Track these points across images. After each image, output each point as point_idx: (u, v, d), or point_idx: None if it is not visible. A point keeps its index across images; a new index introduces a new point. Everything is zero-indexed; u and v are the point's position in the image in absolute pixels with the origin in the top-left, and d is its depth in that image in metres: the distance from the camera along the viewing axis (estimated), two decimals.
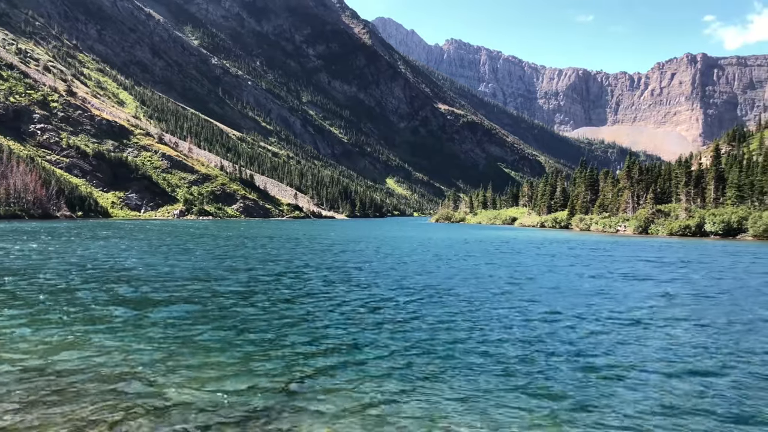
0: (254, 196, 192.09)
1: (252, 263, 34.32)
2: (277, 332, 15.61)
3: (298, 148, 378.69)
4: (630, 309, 20.15)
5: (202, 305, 19.31)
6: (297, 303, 20.29)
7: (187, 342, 14.33)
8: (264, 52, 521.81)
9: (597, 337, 15.79)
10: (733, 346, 14.96)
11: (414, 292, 23.29)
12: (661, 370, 12.74)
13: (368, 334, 15.57)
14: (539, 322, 17.56)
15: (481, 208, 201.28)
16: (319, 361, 12.95)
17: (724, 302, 21.93)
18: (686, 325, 17.57)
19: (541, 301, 21.61)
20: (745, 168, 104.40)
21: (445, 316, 18.39)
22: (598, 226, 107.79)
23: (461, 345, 14.57)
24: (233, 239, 61.69)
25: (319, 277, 28.24)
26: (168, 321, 16.71)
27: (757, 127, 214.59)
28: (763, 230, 76.93)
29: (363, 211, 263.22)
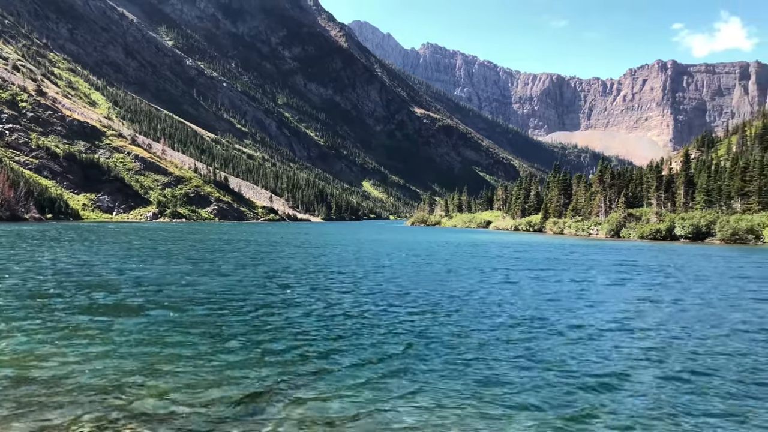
0: (229, 198, 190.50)
1: (227, 268, 34.06)
2: (250, 339, 15.53)
3: (274, 151, 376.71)
4: (617, 316, 20.45)
5: (174, 312, 19.11)
6: (273, 309, 20.21)
7: (158, 349, 14.18)
8: (239, 54, 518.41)
9: (574, 343, 16.02)
10: (721, 349, 15.30)
11: (394, 300, 23.33)
12: (648, 375, 12.98)
13: (343, 342, 15.55)
14: (529, 334, 17.72)
15: (457, 211, 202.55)
16: (291, 369, 12.92)
17: (704, 307, 22.40)
18: (671, 331, 17.91)
19: (530, 310, 21.82)
20: (713, 173, 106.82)
21: (420, 322, 18.47)
22: (571, 230, 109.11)
23: (435, 353, 14.66)
24: (208, 243, 61.11)
25: (295, 282, 28.16)
26: (139, 329, 16.48)
27: (724, 133, 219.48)
28: (730, 234, 78.70)
29: (339, 214, 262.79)
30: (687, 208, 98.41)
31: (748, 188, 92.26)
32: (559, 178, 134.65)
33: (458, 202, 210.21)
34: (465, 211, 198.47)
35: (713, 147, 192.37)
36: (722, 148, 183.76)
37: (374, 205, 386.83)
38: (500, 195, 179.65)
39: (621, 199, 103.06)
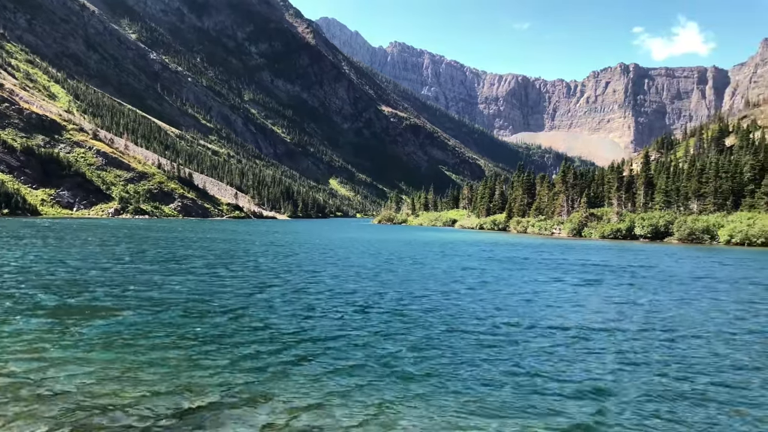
0: (193, 195, 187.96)
1: (195, 266, 33.79)
2: (221, 342, 15.52)
3: (240, 147, 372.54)
4: (596, 317, 20.97)
5: (141, 314, 18.98)
6: (243, 311, 20.19)
7: (125, 354, 14.10)
8: (205, 49, 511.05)
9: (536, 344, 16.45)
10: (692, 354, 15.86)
11: (367, 301, 23.51)
12: (632, 379, 13.42)
13: (316, 345, 15.63)
14: (504, 339, 18.00)
15: (423, 209, 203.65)
16: (253, 372, 12.99)
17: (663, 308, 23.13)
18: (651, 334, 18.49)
19: (504, 312, 22.19)
20: (672, 174, 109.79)
21: (394, 324, 18.70)
22: (534, 229, 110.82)
23: (408, 356, 14.89)
24: (173, 241, 60.33)
25: (266, 283, 28.13)
26: (104, 333, 16.28)
27: (683, 135, 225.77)
28: (687, 234, 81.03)
29: (305, 212, 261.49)
30: (646, 209, 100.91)
31: (705, 189, 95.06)
32: (523, 177, 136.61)
33: (425, 201, 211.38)
34: (431, 209, 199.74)
35: (672, 149, 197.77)
36: (680, 150, 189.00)
37: (341, 203, 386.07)
38: (466, 194, 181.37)
39: (583, 199, 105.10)
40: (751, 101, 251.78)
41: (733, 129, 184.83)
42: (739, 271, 38.65)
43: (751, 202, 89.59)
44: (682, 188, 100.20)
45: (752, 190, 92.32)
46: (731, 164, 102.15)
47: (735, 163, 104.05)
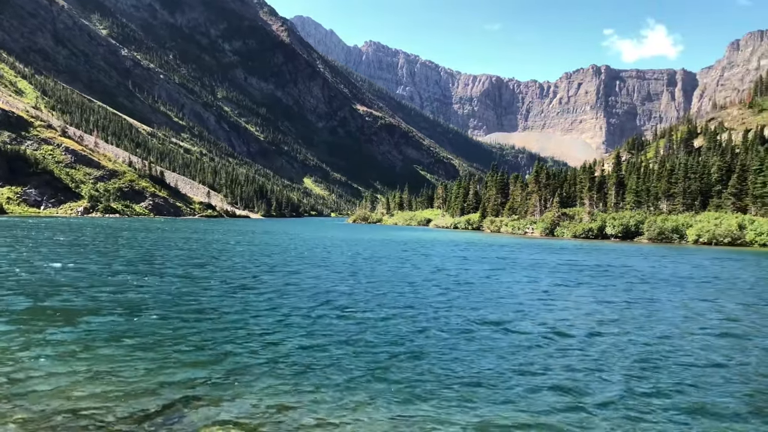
0: (165, 193, 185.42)
1: (165, 267, 33.26)
2: (188, 342, 15.31)
3: (212, 145, 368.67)
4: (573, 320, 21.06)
5: (114, 317, 18.62)
6: (217, 313, 19.93)
7: (94, 354, 13.82)
8: (177, 46, 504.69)
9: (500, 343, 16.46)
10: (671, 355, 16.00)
11: (345, 302, 23.36)
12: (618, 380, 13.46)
13: (289, 347, 15.48)
14: (485, 341, 17.98)
15: (398, 209, 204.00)
16: (226, 372, 12.83)
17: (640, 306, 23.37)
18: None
19: (483, 313, 22.20)
20: (642, 175, 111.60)
21: (374, 325, 18.59)
22: (507, 228, 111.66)
23: (382, 358, 14.80)
24: (144, 241, 59.39)
25: (242, 285, 27.81)
26: (75, 337, 15.99)
27: (653, 136, 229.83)
28: (657, 234, 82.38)
29: (279, 211, 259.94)
30: (617, 208, 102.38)
31: (674, 190, 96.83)
32: (497, 177, 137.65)
33: (399, 200, 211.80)
34: (406, 209, 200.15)
35: (642, 150, 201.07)
36: (651, 151, 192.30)
37: (315, 202, 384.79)
38: (440, 193, 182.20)
39: (555, 199, 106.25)
40: (718, 104, 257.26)
41: (701, 131, 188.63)
42: (725, 271, 39.35)
43: (718, 202, 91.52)
44: (652, 188, 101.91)
45: (719, 190, 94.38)
46: (699, 165, 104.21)
47: (703, 164, 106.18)
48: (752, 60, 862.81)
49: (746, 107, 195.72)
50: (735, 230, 76.27)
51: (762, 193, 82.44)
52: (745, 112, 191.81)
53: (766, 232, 73.92)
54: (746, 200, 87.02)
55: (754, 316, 20.79)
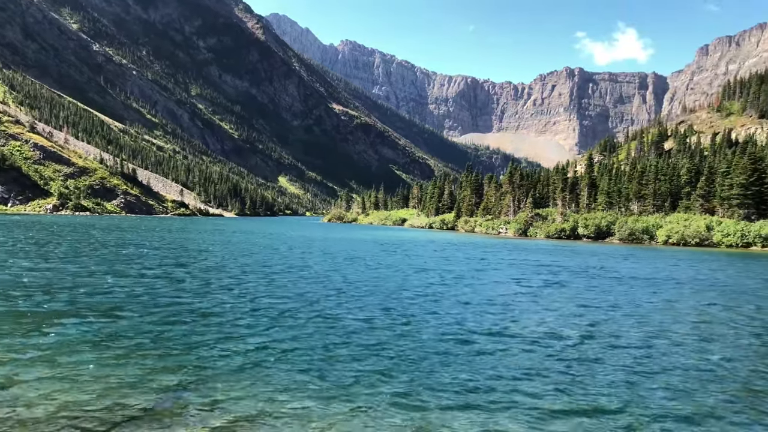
0: (137, 191, 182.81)
1: (137, 267, 32.80)
2: (161, 344, 15.14)
3: (186, 143, 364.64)
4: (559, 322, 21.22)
5: (81, 318, 18.30)
6: (189, 313, 19.72)
7: (70, 357, 13.58)
8: (151, 42, 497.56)
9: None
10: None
11: (323, 302, 23.28)
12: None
13: (267, 351, 15.39)
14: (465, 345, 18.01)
15: (373, 208, 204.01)
16: (194, 376, 12.71)
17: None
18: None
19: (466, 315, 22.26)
20: (614, 176, 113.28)
21: (360, 328, 18.56)
22: (481, 228, 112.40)
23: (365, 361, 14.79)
24: (116, 240, 58.44)
25: (218, 286, 27.53)
26: (50, 342, 15.70)
27: (624, 138, 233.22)
28: (627, 234, 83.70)
29: (253, 210, 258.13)
30: (590, 209, 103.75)
31: (645, 191, 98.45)
32: (472, 178, 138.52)
33: (375, 200, 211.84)
34: (381, 208, 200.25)
35: (614, 152, 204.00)
36: (622, 152, 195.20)
37: (290, 201, 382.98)
38: (416, 193, 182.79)
39: (529, 200, 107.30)
40: (688, 107, 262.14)
41: (671, 133, 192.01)
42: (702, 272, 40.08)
43: (687, 203, 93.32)
44: (624, 190, 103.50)
45: (688, 192, 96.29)
46: (669, 167, 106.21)
47: (673, 167, 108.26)
48: (720, 65, 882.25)
49: (714, 111, 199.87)
50: (703, 231, 77.86)
51: (729, 195, 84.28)
52: (713, 115, 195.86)
53: (733, 233, 75.59)
54: (714, 202, 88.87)
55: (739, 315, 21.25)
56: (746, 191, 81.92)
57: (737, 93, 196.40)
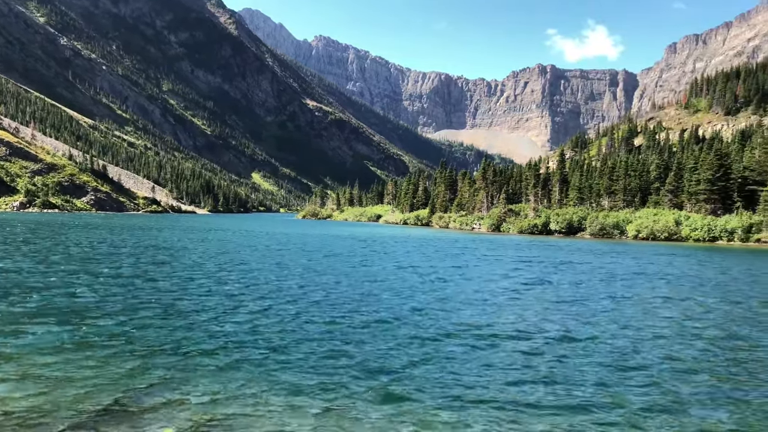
0: (107, 188, 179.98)
1: (108, 264, 32.38)
2: (129, 346, 15.03)
3: (157, 139, 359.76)
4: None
5: (44, 320, 18.05)
6: (157, 314, 19.57)
7: (33, 360, 13.42)
8: (121, 36, 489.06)
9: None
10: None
11: (300, 300, 23.26)
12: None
13: (238, 353, 15.35)
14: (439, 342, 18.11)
15: (348, 205, 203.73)
16: (153, 375, 12.67)
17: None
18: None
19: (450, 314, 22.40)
20: (585, 172, 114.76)
21: (340, 326, 18.59)
22: (456, 224, 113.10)
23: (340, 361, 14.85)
24: (82, 239, 57.53)
25: (195, 285, 27.32)
26: (17, 348, 15.47)
27: (595, 135, 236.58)
28: (598, 230, 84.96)
29: (226, 207, 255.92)
30: (561, 205, 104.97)
31: (615, 187, 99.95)
32: (446, 174, 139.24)
33: (350, 196, 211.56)
34: (356, 204, 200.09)
35: (586, 148, 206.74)
36: (593, 149, 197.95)
37: (264, 197, 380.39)
38: (390, 189, 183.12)
39: (502, 196, 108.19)
40: (657, 104, 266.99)
41: (641, 130, 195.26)
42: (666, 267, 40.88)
43: (656, 199, 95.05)
44: (595, 185, 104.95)
45: (657, 187, 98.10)
46: (639, 163, 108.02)
47: (642, 162, 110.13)
48: (688, 63, 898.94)
49: (682, 108, 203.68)
50: (672, 226, 79.38)
51: (696, 191, 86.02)
52: (681, 112, 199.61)
53: (700, 227, 77.23)
54: (682, 197, 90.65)
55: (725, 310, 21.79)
56: (713, 186, 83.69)
57: (704, 90, 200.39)
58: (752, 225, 74.02)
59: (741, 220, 74.98)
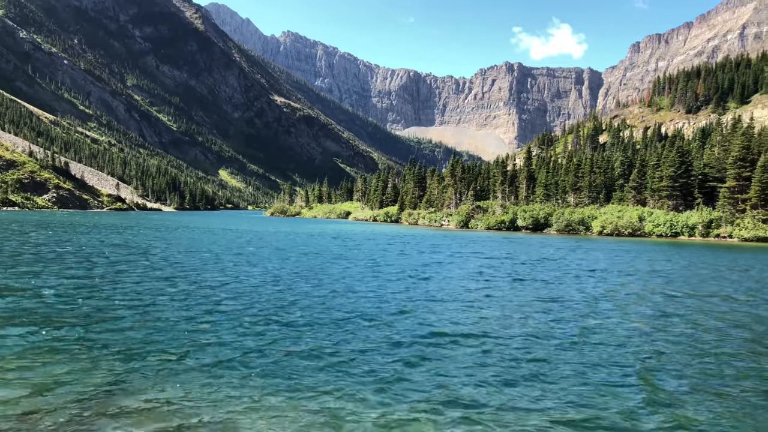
0: (70, 185, 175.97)
1: (75, 266, 31.68)
2: (98, 347, 14.78)
3: (122, 135, 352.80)
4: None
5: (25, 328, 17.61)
6: (127, 314, 19.26)
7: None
8: (83, 30, 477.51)
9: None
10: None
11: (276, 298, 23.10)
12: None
13: (207, 354, 15.21)
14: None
15: (317, 202, 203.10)
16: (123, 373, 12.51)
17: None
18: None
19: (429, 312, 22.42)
20: (551, 169, 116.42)
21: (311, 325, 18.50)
22: (424, 221, 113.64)
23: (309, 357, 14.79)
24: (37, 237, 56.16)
25: (167, 284, 26.91)
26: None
27: (562, 132, 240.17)
28: (564, 226, 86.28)
29: (193, 204, 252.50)
30: (528, 201, 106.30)
31: (581, 183, 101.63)
32: (415, 171, 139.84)
33: (319, 193, 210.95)
34: (325, 201, 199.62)
35: (552, 145, 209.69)
36: (559, 146, 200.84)
37: (231, 194, 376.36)
38: (360, 186, 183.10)
39: (470, 192, 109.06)
40: (621, 102, 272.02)
41: (605, 127, 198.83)
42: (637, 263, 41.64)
43: (620, 195, 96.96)
44: (561, 182, 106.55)
45: (621, 184, 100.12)
46: (604, 160, 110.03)
47: (607, 160, 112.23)
48: (651, 62, 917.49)
49: (645, 106, 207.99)
50: (635, 222, 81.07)
51: (659, 187, 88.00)
52: (644, 110, 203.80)
53: (663, 223, 79.04)
54: (645, 193, 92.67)
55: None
56: (674, 183, 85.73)
57: (666, 89, 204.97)
58: (712, 221, 76.07)
59: (701, 216, 76.98)
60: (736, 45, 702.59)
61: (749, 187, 75.23)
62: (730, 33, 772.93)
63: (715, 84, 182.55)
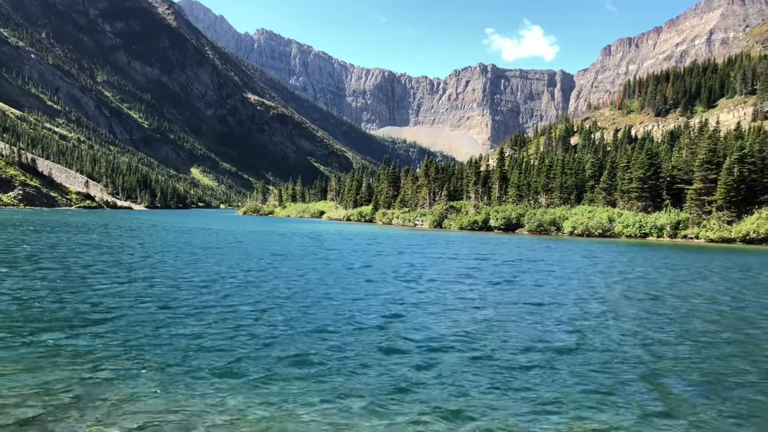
0: (37, 182, 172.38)
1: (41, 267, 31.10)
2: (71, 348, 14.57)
3: (92, 132, 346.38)
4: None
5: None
6: (103, 315, 18.98)
7: None
8: (51, 24, 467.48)
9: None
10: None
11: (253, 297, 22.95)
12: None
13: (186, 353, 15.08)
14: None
15: (291, 201, 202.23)
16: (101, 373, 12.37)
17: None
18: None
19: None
20: (523, 170, 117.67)
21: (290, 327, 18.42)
22: (398, 221, 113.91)
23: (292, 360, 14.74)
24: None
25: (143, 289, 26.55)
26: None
27: (534, 134, 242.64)
28: (536, 226, 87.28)
29: (164, 202, 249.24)
30: (501, 202, 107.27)
31: (552, 184, 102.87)
32: (389, 171, 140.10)
33: (292, 192, 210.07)
34: (299, 200, 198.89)
35: (524, 146, 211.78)
36: (532, 147, 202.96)
37: (204, 193, 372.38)
38: (334, 186, 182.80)
39: (444, 192, 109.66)
40: (593, 104, 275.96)
41: (577, 129, 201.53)
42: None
43: (591, 196, 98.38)
44: (533, 183, 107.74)
45: (592, 185, 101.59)
46: (575, 162, 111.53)
47: (578, 161, 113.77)
48: (622, 65, 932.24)
49: (616, 109, 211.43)
50: (606, 223, 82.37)
51: (628, 189, 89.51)
52: (615, 112, 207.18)
53: (632, 224, 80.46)
54: (615, 194, 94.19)
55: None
56: (644, 185, 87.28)
57: (636, 92, 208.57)
58: (680, 222, 77.66)
59: (669, 217, 78.53)
60: (703, 50, 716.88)
61: (715, 189, 76.94)
62: (698, 38, 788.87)
63: (683, 88, 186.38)
